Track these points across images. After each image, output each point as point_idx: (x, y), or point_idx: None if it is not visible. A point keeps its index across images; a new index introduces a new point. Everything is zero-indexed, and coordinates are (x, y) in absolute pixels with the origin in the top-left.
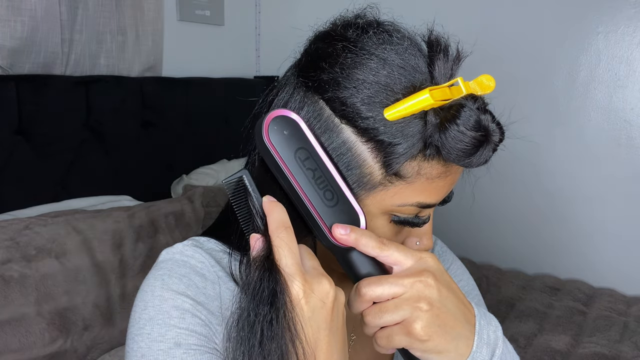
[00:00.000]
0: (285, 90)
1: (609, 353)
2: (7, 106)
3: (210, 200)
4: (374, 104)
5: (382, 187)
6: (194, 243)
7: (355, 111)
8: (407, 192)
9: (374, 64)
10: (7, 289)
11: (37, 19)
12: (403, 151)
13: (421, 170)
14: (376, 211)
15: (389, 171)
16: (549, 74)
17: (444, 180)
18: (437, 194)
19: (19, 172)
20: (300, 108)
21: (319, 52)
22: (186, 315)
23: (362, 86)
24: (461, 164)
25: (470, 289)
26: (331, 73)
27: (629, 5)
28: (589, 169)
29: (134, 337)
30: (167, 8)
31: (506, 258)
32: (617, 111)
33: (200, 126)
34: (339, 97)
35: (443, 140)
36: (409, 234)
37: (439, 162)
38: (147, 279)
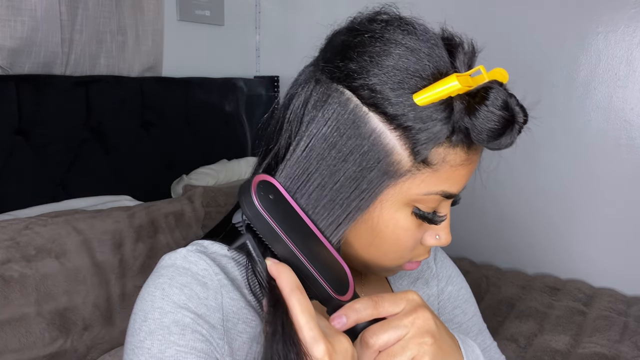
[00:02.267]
0: (307, 87)
1: (609, 353)
2: (7, 106)
3: (210, 200)
4: (404, 90)
5: (410, 175)
6: (198, 248)
7: (385, 97)
8: (432, 180)
9: (402, 52)
10: (7, 289)
11: (37, 19)
12: (431, 137)
13: (446, 157)
14: (400, 202)
15: (417, 158)
16: (549, 74)
17: (465, 169)
18: (458, 182)
19: (19, 172)
20: (324, 101)
21: (345, 43)
22: (186, 331)
23: (392, 73)
24: (490, 145)
25: (469, 297)
26: (359, 62)
27: (629, 5)
28: (589, 168)
29: (133, 349)
30: (167, 8)
31: (506, 258)
32: (617, 111)
33: (200, 126)
34: (368, 84)
35: (473, 121)
36: (429, 228)
37: (462, 149)
38: (147, 286)
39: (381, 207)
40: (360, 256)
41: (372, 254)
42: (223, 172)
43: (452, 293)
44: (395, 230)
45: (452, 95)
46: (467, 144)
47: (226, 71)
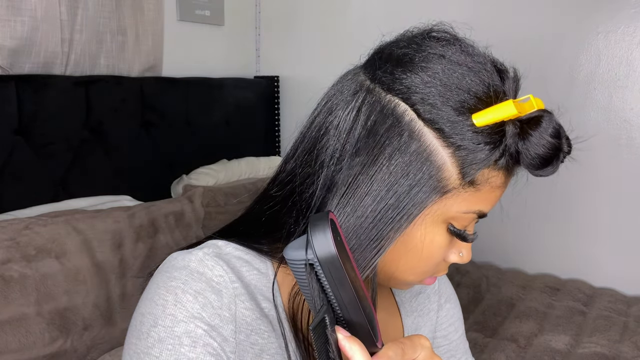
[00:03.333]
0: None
1: (609, 353)
2: (7, 106)
3: (210, 200)
4: (463, 110)
5: (455, 193)
6: (216, 251)
7: (445, 115)
8: (473, 199)
9: (465, 72)
10: (7, 289)
11: (37, 19)
12: (483, 159)
13: (489, 179)
14: (439, 218)
15: (466, 178)
16: (549, 74)
17: (500, 191)
18: (492, 203)
19: (19, 172)
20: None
21: (407, 56)
22: (198, 344)
23: (455, 92)
24: (537, 171)
25: (460, 316)
26: (422, 77)
27: (629, 5)
28: (589, 168)
29: (139, 354)
30: (167, 8)
31: (506, 258)
32: (617, 111)
33: (200, 126)
34: (428, 100)
35: (527, 146)
36: (452, 246)
37: (503, 173)
38: (157, 287)
39: (422, 222)
40: (387, 270)
41: (401, 268)
42: (223, 172)
43: (450, 311)
44: (429, 246)
45: (504, 120)
46: (508, 169)
47: (226, 71)
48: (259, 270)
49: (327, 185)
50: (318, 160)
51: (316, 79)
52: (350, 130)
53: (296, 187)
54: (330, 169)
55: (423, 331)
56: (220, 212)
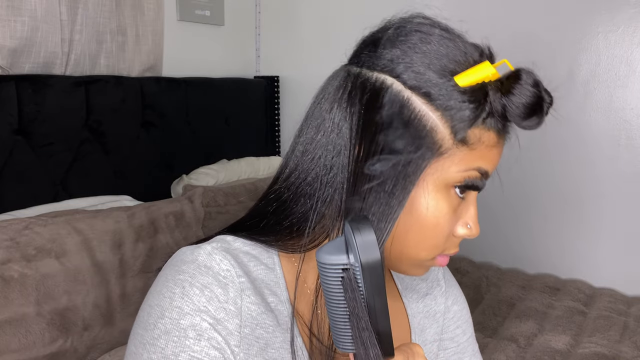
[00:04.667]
0: (340, 80)
1: (609, 353)
2: (7, 106)
3: (210, 200)
4: (445, 73)
5: (450, 154)
6: (224, 246)
7: (429, 79)
8: (470, 158)
9: (441, 41)
10: (7, 289)
11: (37, 19)
12: (470, 116)
13: (482, 138)
14: (441, 183)
15: (457, 137)
16: (549, 74)
17: (497, 150)
18: (492, 161)
19: (19, 172)
20: (363, 92)
21: (388, 37)
22: (202, 337)
23: (434, 57)
24: (524, 122)
25: (468, 317)
26: (402, 48)
27: (629, 5)
28: (589, 169)
29: (145, 345)
30: (167, 8)
31: (506, 258)
32: (617, 111)
33: (200, 126)
34: (412, 67)
35: (510, 98)
36: (460, 217)
37: (495, 133)
38: (166, 280)
39: (423, 187)
40: (397, 247)
41: (410, 243)
42: (223, 172)
43: (457, 313)
44: (434, 212)
45: (485, 81)
46: (498, 129)
47: (226, 71)
48: (267, 265)
49: (333, 176)
50: (318, 153)
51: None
52: (345, 118)
53: (301, 182)
54: (334, 160)
55: (429, 332)
56: (220, 212)
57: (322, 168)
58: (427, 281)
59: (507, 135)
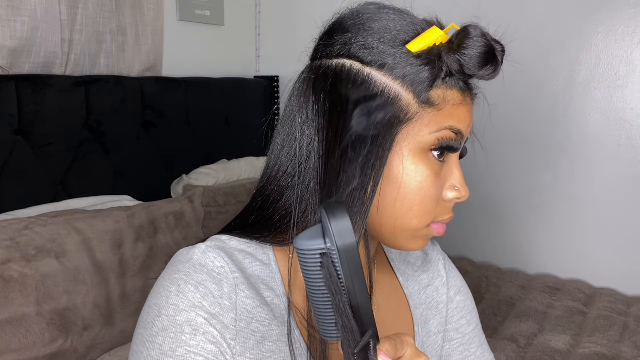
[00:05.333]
0: (304, 76)
1: (609, 353)
2: (7, 106)
3: (210, 200)
4: (397, 43)
5: (418, 117)
6: (217, 244)
7: (383, 51)
8: (439, 118)
9: (389, 17)
10: (7, 289)
11: (37, 19)
12: (429, 77)
13: (446, 97)
14: (417, 148)
15: (420, 98)
16: (549, 74)
17: (464, 108)
18: (462, 120)
19: (19, 172)
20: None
21: (338, 25)
22: (198, 332)
23: (384, 31)
24: (480, 72)
25: (473, 308)
26: (352, 30)
27: (629, 5)
28: (589, 169)
29: (144, 342)
30: (167, 8)
31: (506, 258)
32: (617, 111)
33: (200, 126)
34: (364, 44)
35: (463, 52)
36: (445, 181)
37: (457, 91)
38: (163, 280)
39: (400, 155)
40: (387, 220)
41: (399, 212)
42: (223, 172)
43: (460, 303)
44: (416, 176)
45: (437, 44)
46: (460, 87)
47: (226, 71)
48: (262, 261)
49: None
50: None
51: None
52: (313, 108)
53: (281, 175)
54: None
55: (433, 324)
56: (220, 212)
57: (298, 158)
58: (429, 272)
59: (472, 93)
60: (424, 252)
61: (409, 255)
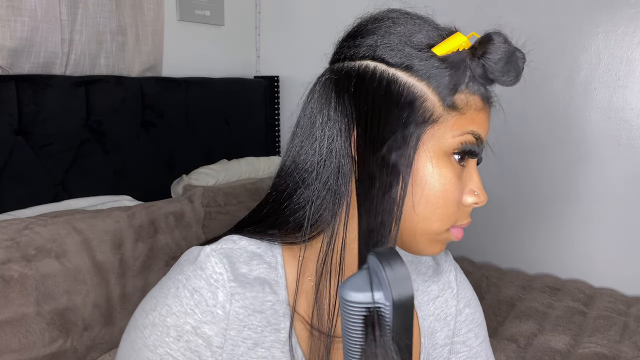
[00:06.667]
0: (325, 78)
1: (609, 353)
2: (7, 106)
3: (210, 200)
4: (423, 46)
5: (443, 120)
6: (225, 248)
7: (408, 54)
8: (462, 122)
9: (414, 21)
10: (7, 289)
11: (37, 19)
12: (454, 82)
13: (469, 102)
14: (441, 150)
15: (446, 102)
16: (549, 74)
17: (484, 114)
18: (482, 125)
19: (19, 172)
20: (348, 78)
21: (363, 28)
22: (182, 338)
23: (410, 34)
24: (504, 77)
25: (481, 321)
26: (376, 34)
27: (629, 5)
28: (589, 169)
29: (135, 328)
30: (167, 8)
31: (506, 258)
32: (617, 111)
33: (200, 126)
34: (390, 46)
35: (487, 57)
36: (465, 185)
37: (479, 97)
38: (168, 277)
39: (425, 157)
40: (408, 224)
41: (421, 215)
42: (223, 172)
43: (469, 316)
44: (440, 179)
45: (460, 49)
46: (482, 93)
47: (226, 71)
48: (269, 264)
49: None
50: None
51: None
52: (337, 108)
53: (298, 172)
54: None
55: (439, 336)
56: (220, 212)
57: (317, 157)
58: (439, 283)
59: (491, 101)
60: (435, 262)
61: (420, 264)
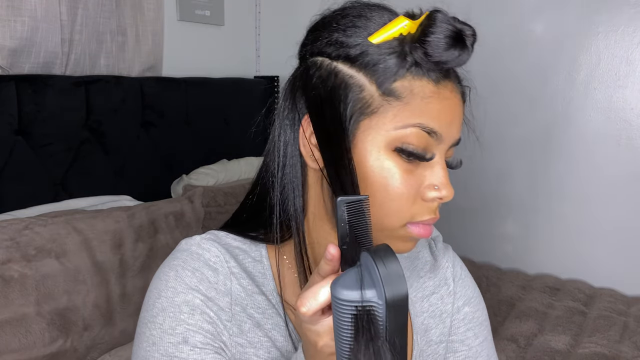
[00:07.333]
0: (288, 79)
1: (609, 353)
2: (7, 106)
3: (210, 200)
4: (362, 36)
5: (382, 110)
6: (212, 237)
7: (347, 45)
8: (405, 113)
9: (360, 12)
10: (7, 289)
11: (37, 19)
12: (391, 66)
13: (414, 90)
14: (382, 142)
15: (382, 88)
16: (549, 74)
17: (438, 103)
18: (436, 117)
19: (19, 172)
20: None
21: (312, 26)
22: (195, 311)
23: (350, 25)
24: (447, 59)
25: (483, 320)
26: (323, 30)
27: (629, 5)
28: (589, 169)
29: (146, 323)
30: (167, 8)
31: (506, 258)
32: (617, 111)
33: (200, 126)
34: (330, 40)
35: (427, 39)
36: (424, 179)
37: (428, 82)
38: (162, 266)
39: (365, 149)
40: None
41: (377, 213)
42: (223, 172)
43: (468, 314)
44: (381, 173)
45: (403, 33)
46: (432, 77)
47: (226, 71)
48: (254, 258)
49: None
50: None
51: None
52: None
53: (265, 176)
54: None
55: (434, 333)
56: (220, 212)
57: (280, 158)
58: (434, 280)
59: (451, 83)
60: (433, 257)
61: (417, 260)
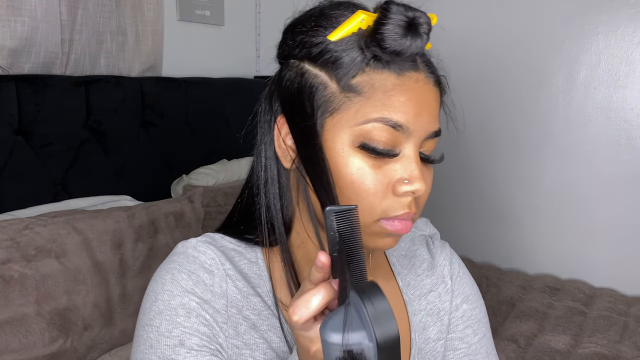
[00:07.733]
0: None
1: (609, 353)
2: (7, 106)
3: (210, 200)
4: (322, 35)
5: (344, 106)
6: (207, 240)
7: (310, 45)
8: (367, 108)
9: (325, 12)
10: (7, 289)
11: (37, 19)
12: (349, 62)
13: (374, 83)
14: (347, 139)
15: (342, 85)
16: (549, 74)
17: (402, 94)
18: (401, 110)
19: (19, 172)
20: (275, 80)
21: (284, 29)
22: (192, 314)
23: (314, 28)
24: (402, 49)
25: (482, 317)
26: (292, 35)
27: (629, 5)
28: (589, 169)
29: (144, 326)
30: (167, 8)
31: (506, 258)
32: (617, 111)
33: (200, 126)
34: (296, 42)
35: (381, 30)
36: (395, 174)
37: (390, 74)
38: (159, 270)
39: (333, 148)
40: None
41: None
42: (223, 172)
43: (467, 312)
44: (347, 169)
45: (362, 28)
46: (394, 69)
47: (226, 71)
48: (249, 259)
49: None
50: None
51: None
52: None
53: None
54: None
55: (432, 331)
56: (220, 212)
57: (262, 160)
58: (432, 277)
59: (417, 73)
60: (430, 254)
61: (415, 258)
